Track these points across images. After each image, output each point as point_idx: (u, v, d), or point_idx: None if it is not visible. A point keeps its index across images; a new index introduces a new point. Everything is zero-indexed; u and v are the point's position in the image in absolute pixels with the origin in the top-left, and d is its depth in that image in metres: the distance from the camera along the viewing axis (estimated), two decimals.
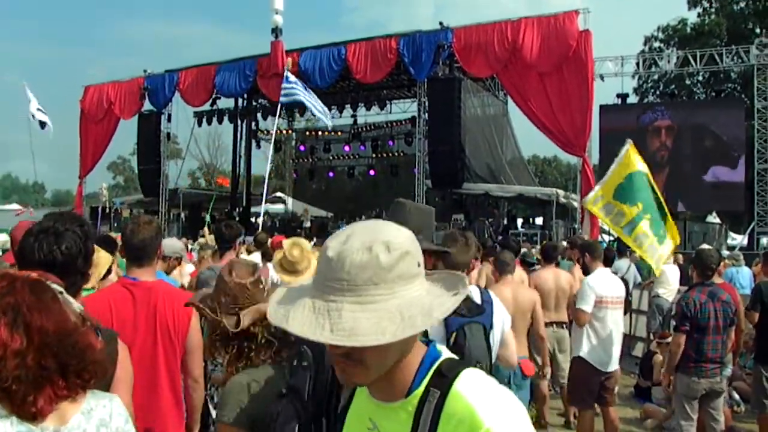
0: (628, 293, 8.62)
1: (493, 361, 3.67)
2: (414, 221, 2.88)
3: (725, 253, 13.13)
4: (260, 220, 15.29)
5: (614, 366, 6.14)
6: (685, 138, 21.39)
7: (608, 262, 8.27)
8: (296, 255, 5.02)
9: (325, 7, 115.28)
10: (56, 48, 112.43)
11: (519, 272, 6.88)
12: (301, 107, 22.62)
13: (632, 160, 7.74)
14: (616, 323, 6.04)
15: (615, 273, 8.10)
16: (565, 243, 12.47)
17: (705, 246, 10.17)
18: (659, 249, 7.23)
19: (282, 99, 14.89)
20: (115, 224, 25.02)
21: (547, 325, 7.20)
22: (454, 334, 3.45)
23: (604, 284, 6.04)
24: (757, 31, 34.88)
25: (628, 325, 10.70)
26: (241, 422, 2.14)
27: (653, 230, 7.25)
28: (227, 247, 5.60)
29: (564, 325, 7.41)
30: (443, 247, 3.58)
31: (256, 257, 7.40)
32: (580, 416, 6.38)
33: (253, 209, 29.67)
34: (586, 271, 6.37)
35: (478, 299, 3.62)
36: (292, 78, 14.74)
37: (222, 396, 2.29)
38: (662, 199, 7.76)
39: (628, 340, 10.02)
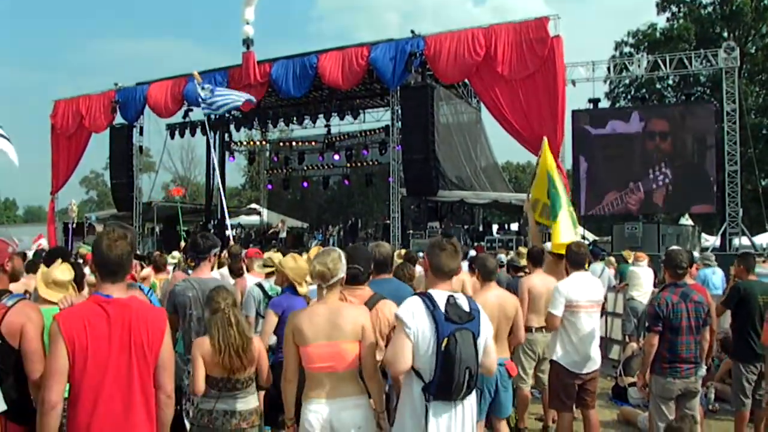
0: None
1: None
2: None
3: (697, 255, 13.22)
4: (230, 232, 15.21)
5: (591, 367, 6.14)
6: (657, 141, 21.54)
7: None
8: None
9: (291, 18, 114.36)
10: (24, 70, 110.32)
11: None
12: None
13: (548, 157, 8.24)
14: (589, 326, 6.05)
15: None
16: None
17: (674, 247, 10.25)
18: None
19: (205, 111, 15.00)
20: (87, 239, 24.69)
21: (537, 329, 7.26)
22: (446, 340, 3.51)
23: (576, 289, 6.04)
24: (725, 35, 35.42)
25: (604, 328, 10.74)
26: None
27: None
28: (202, 258, 5.52)
29: None
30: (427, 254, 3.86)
31: (224, 272, 7.33)
32: (559, 419, 6.35)
33: (228, 221, 29.44)
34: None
35: (466, 307, 3.66)
36: (200, 90, 14.12)
37: None
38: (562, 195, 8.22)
39: (604, 342, 10.04)
